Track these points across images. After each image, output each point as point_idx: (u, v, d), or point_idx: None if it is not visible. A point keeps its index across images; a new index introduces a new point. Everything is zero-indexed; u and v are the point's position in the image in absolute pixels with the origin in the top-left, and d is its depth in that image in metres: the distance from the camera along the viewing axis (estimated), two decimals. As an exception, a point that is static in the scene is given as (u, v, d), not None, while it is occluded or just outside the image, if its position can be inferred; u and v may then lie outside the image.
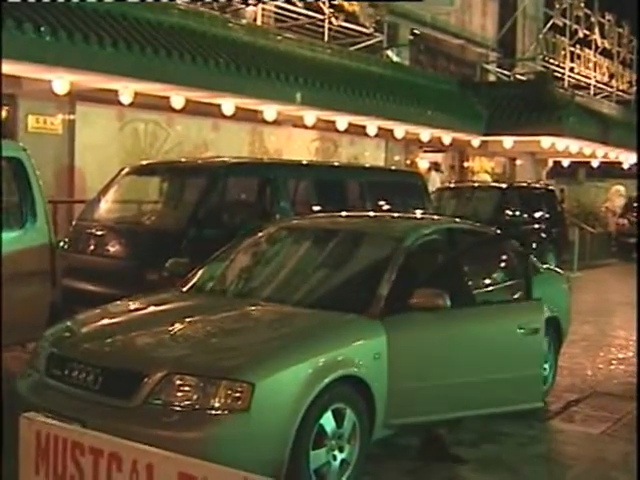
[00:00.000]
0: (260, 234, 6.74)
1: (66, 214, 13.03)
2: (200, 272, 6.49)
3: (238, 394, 4.54)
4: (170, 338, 5.15)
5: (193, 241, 8.22)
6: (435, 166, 21.20)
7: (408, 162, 21.40)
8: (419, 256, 6.03)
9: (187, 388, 4.59)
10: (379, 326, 5.39)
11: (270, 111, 15.37)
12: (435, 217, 7.85)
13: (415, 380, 5.59)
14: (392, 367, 5.38)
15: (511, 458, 5.98)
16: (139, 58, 12.17)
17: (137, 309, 5.88)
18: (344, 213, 7.42)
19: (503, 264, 7.20)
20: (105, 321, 5.61)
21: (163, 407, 4.57)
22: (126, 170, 9.88)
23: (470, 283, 6.44)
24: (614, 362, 9.34)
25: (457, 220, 7.70)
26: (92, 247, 8.91)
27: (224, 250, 6.66)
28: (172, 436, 4.46)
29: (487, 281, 6.75)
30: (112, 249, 8.68)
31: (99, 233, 8.93)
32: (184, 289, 6.29)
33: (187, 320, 5.43)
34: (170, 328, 5.26)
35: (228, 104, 14.52)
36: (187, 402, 4.56)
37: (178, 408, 4.55)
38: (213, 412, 4.51)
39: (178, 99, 13.78)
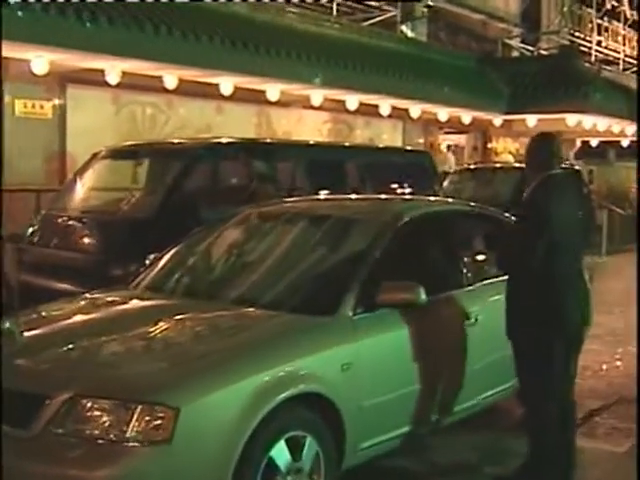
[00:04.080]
0: (221, 224, 5.78)
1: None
2: (152, 267, 5.57)
3: (158, 421, 3.60)
4: (89, 351, 4.20)
5: (165, 232, 7.26)
6: (451, 147, 20.30)
7: (428, 144, 20.41)
8: (402, 244, 5.03)
9: (97, 414, 3.66)
10: (349, 329, 4.43)
11: (273, 90, 14.39)
12: (430, 199, 6.78)
13: (396, 389, 4.66)
14: (366, 378, 4.43)
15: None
16: (123, 34, 11.20)
17: (66, 314, 4.95)
18: (322, 196, 6.45)
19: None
20: (21, 330, 4.70)
21: (66, 438, 3.64)
22: (102, 153, 9.01)
23: (462, 274, 5.46)
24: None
25: (455, 202, 6.74)
26: (56, 239, 8.05)
27: (180, 242, 5.73)
28: (75, 475, 3.55)
29: (484, 272, 5.73)
30: (76, 241, 7.80)
31: (64, 224, 8.07)
32: (132, 287, 5.37)
33: (119, 328, 4.49)
34: (95, 339, 4.32)
35: (226, 83, 13.55)
36: (96, 432, 3.62)
37: (85, 439, 3.62)
38: (127, 444, 3.58)
39: (171, 79, 12.84)
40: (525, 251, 4.60)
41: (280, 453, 3.97)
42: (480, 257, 5.85)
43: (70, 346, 4.22)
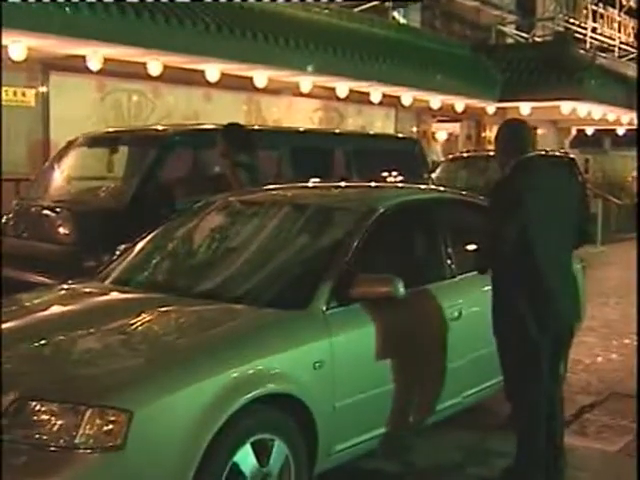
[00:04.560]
0: (192, 213, 5.49)
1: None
2: (120, 259, 5.29)
3: (110, 426, 3.32)
4: (43, 350, 3.88)
5: (140, 222, 6.97)
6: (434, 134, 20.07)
7: (421, 132, 20.15)
8: (381, 234, 4.73)
9: (45, 418, 3.38)
10: (322, 325, 4.15)
11: (261, 77, 14.08)
12: (413, 187, 6.46)
13: (373, 388, 4.39)
14: (340, 377, 4.15)
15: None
16: (103, 19, 10.88)
17: (26, 309, 4.65)
18: (301, 184, 6.15)
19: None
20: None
21: (10, 444, 3.36)
22: (78, 140, 8.69)
23: (446, 265, 5.17)
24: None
25: (439, 190, 6.46)
26: (29, 229, 7.77)
27: (150, 233, 5.43)
28: (20, 485, 3.28)
29: (470, 263, 5.45)
30: (48, 232, 7.51)
31: (37, 214, 7.78)
32: (98, 281, 5.08)
33: (77, 325, 4.17)
34: (51, 336, 3.99)
35: (212, 70, 13.26)
36: (44, 437, 3.34)
37: (31, 445, 3.34)
38: (77, 451, 3.30)
39: (155, 65, 12.51)
40: (495, 237, 4.32)
41: (245, 458, 3.68)
42: (465, 247, 5.58)
43: (24, 344, 3.92)
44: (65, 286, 5.10)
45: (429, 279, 4.99)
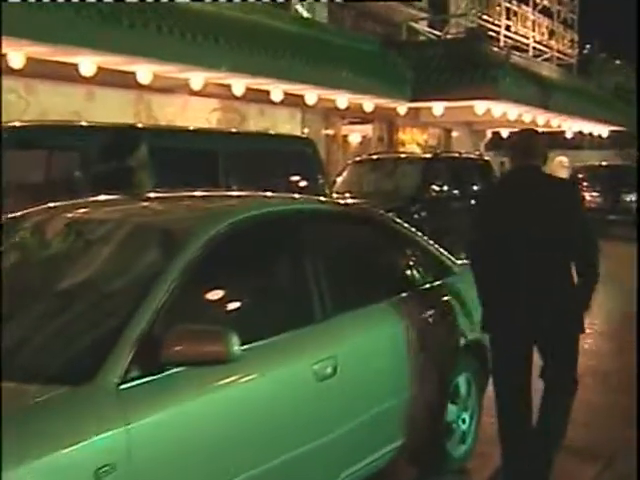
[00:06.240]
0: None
1: None
2: None
3: None
4: None
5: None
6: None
7: (331, 135, 19.03)
8: (214, 266, 3.34)
9: None
10: (113, 406, 2.78)
11: (144, 72, 12.62)
12: (270, 196, 4.82)
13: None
14: (143, 483, 2.79)
15: None
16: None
17: None
18: (129, 195, 4.67)
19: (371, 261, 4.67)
20: None
21: None
22: None
23: (315, 303, 3.81)
24: (580, 389, 6.56)
25: (315, 200, 5.16)
26: None
27: None
28: None
29: (353, 298, 4.12)
30: None
31: None
32: None
33: None
34: None
35: (86, 63, 11.74)
36: None
37: None
38: None
39: (16, 56, 10.97)
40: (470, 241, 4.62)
41: None
42: (349, 277, 4.28)
43: None
44: None
45: (287, 325, 3.57)
